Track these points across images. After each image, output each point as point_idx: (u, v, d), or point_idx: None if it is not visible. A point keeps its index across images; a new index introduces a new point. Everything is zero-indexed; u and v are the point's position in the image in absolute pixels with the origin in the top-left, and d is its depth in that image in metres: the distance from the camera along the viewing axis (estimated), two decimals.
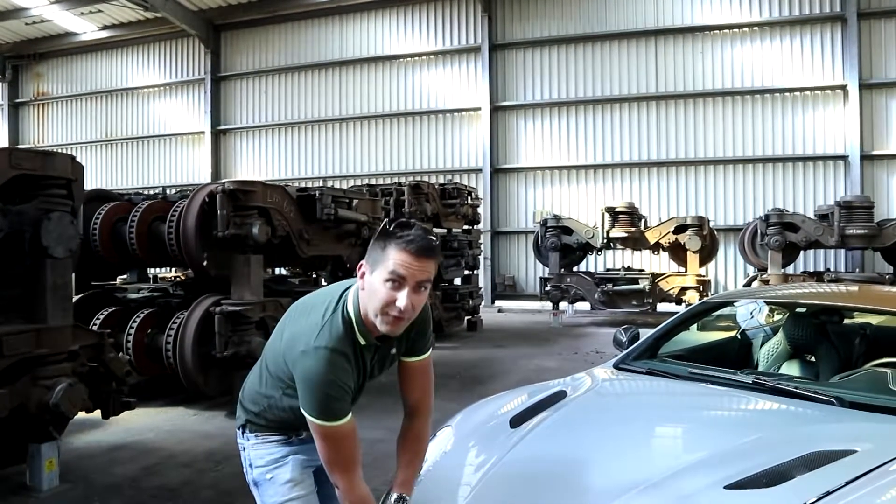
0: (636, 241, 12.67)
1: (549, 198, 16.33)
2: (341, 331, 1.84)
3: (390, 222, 1.82)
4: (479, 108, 16.73)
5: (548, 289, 12.61)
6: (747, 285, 12.33)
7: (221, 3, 18.24)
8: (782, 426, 2.50)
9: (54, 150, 4.44)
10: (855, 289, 4.74)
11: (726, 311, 4.30)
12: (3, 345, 3.65)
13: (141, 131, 20.35)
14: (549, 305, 12.94)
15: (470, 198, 11.60)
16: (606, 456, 2.27)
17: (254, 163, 19.17)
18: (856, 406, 2.47)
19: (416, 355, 2.06)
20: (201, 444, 5.04)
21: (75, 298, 5.36)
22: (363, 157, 17.99)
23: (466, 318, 11.49)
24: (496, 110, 16.70)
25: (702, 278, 12.42)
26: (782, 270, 11.04)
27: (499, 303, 16.23)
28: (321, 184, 8.31)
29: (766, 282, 10.64)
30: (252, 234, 5.75)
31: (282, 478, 2.06)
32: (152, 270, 9.45)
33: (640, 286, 12.21)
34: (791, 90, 14.77)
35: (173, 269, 11.26)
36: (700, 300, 8.53)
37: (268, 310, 5.96)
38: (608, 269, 14.34)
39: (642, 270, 13.52)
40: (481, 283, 13.55)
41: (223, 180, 6.41)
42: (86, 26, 19.64)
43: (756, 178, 15.01)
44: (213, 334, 5.66)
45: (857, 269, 12.80)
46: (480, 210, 12.51)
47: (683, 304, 11.53)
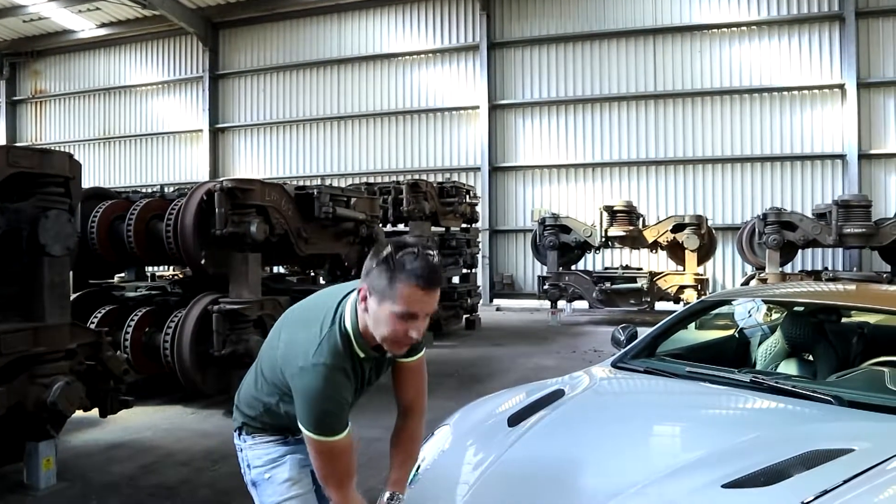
0: (634, 240, 12.67)
1: (548, 196, 16.32)
2: (339, 346, 1.84)
3: (395, 249, 1.76)
4: (477, 107, 16.71)
5: (546, 287, 12.61)
6: (745, 284, 12.35)
7: (220, 0, 18.18)
8: (780, 425, 2.50)
9: (52, 148, 4.44)
10: (852, 288, 4.75)
11: (724, 309, 4.30)
12: (0, 343, 3.64)
13: (139, 129, 20.29)
14: (547, 304, 12.93)
15: (468, 196, 11.59)
16: (604, 454, 2.27)
17: (252, 161, 19.13)
18: (853, 405, 2.48)
19: (410, 356, 2.05)
20: (199, 442, 5.04)
21: (73, 297, 5.34)
22: (361, 155, 17.97)
23: (465, 316, 11.48)
24: (494, 109, 16.68)
25: (700, 277, 12.42)
26: (780, 269, 11.04)
27: (497, 301, 16.20)
28: (319, 182, 8.30)
29: (763, 280, 10.65)
30: (250, 233, 5.74)
31: (280, 477, 2.07)
32: (150, 269, 9.42)
33: (639, 285, 12.24)
34: (789, 89, 14.77)
35: (171, 268, 11.24)
36: (698, 299, 8.51)
37: (266, 308, 5.95)
38: (606, 268, 14.36)
39: (640, 269, 13.54)
40: (479, 282, 13.56)
41: (221, 178, 6.41)
42: (84, 24, 19.57)
43: (754, 177, 15.01)
44: (211, 333, 5.66)
45: (855, 268, 12.79)
46: (479, 208, 12.51)
47: (681, 303, 11.55)
